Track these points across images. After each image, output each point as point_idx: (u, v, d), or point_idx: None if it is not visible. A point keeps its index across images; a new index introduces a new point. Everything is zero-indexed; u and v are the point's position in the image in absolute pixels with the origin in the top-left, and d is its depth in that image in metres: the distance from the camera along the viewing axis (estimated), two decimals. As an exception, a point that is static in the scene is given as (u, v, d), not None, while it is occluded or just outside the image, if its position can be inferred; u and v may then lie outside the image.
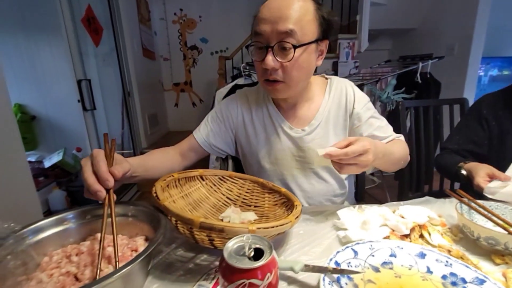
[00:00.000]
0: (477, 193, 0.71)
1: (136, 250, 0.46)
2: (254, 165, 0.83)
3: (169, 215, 0.47)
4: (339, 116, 0.78)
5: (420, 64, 2.07)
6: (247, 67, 1.94)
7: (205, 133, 0.81)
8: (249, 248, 0.33)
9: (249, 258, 0.33)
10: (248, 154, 0.84)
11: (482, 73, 3.27)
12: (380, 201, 2.35)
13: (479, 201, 0.59)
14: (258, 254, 0.34)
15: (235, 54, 2.98)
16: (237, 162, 1.24)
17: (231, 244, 0.34)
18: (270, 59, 0.61)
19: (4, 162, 1.05)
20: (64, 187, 2.30)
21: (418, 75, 2.08)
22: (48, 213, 2.16)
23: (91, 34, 2.09)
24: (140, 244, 0.47)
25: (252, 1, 3.41)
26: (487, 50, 2.72)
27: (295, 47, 0.60)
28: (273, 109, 0.79)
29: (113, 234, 0.43)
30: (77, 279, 0.40)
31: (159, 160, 0.73)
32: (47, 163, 2.43)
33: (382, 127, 0.76)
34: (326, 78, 0.82)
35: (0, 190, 1.02)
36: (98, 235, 0.50)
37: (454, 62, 2.70)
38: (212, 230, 0.43)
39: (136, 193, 2.65)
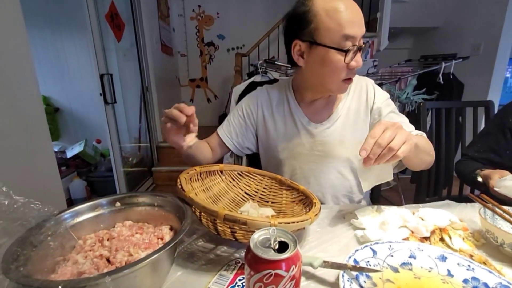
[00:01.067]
0: (498, 200, 0.70)
1: (162, 238, 0.49)
2: (273, 159, 0.85)
3: (194, 207, 0.49)
4: (360, 111, 0.79)
5: (443, 64, 2.00)
6: (264, 64, 1.94)
7: (227, 130, 0.84)
8: (274, 241, 0.35)
9: (274, 250, 0.34)
10: (267, 149, 0.86)
11: (508, 75, 3.12)
12: (395, 204, 2.31)
13: (504, 207, 0.58)
14: (283, 247, 0.35)
15: (252, 51, 2.98)
16: (251, 160, 1.26)
17: (257, 236, 0.35)
18: (360, 59, 0.66)
19: (32, 151, 1.11)
20: (84, 177, 2.40)
21: (440, 75, 2.02)
22: (69, 201, 2.26)
23: (114, 30, 2.15)
24: (166, 232, 0.50)
25: (270, -2, 3.40)
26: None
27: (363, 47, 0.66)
28: (294, 104, 0.81)
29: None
30: (109, 262, 0.43)
31: (204, 148, 0.80)
32: (69, 153, 2.54)
33: (404, 123, 0.74)
34: None
35: (29, 177, 1.09)
36: (127, 222, 0.53)
37: (479, 63, 2.59)
38: (235, 223, 0.45)
39: (151, 185, 2.72)
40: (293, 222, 0.47)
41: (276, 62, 1.94)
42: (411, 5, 2.83)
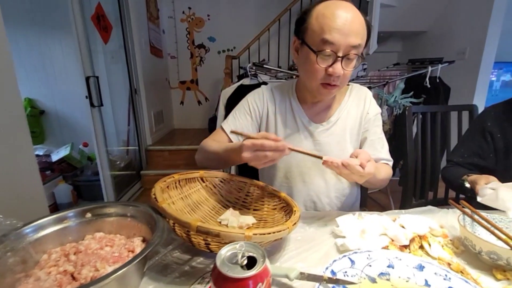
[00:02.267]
0: (482, 205, 0.70)
1: (133, 251, 0.47)
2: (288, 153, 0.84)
3: (167, 217, 0.47)
4: (357, 118, 0.82)
5: (430, 68, 2.03)
6: (253, 67, 1.93)
7: (233, 124, 0.83)
8: (242, 256, 0.33)
9: (242, 267, 0.33)
10: None
11: (494, 78, 3.20)
12: (383, 206, 2.33)
13: (483, 213, 0.58)
14: (251, 262, 0.33)
15: (242, 53, 2.98)
16: None
17: (224, 252, 0.34)
18: (340, 68, 0.65)
19: (12, 155, 1.07)
20: (70, 181, 2.34)
21: (427, 79, 2.04)
22: (54, 206, 2.20)
23: (100, 32, 2.11)
24: (137, 245, 0.48)
25: (261, 1, 3.40)
26: (499, 54, 2.66)
27: (358, 58, 0.66)
28: (296, 104, 0.82)
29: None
30: (74, 278, 0.41)
31: None
32: (55, 157, 2.47)
33: (382, 140, 0.84)
34: (348, 84, 0.86)
35: (7, 183, 1.05)
36: (97, 234, 0.51)
37: (465, 67, 2.64)
38: (208, 235, 0.43)
39: (140, 189, 2.68)
40: (269, 233, 0.46)
41: (265, 66, 1.93)
42: (400, 9, 2.87)
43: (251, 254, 0.34)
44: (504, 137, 0.90)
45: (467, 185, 0.82)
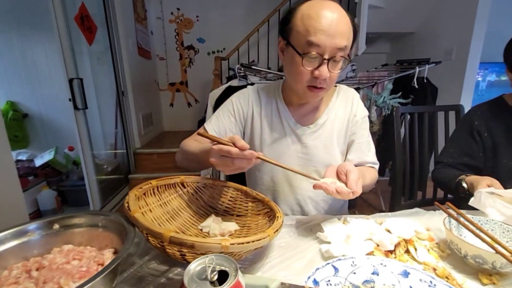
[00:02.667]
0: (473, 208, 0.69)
1: (102, 264, 0.44)
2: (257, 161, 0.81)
3: (139, 228, 0.44)
4: (344, 120, 0.81)
5: (417, 69, 2.05)
6: (242, 69, 1.91)
7: (216, 125, 0.80)
8: (212, 271, 0.31)
9: (212, 282, 0.30)
10: (251, 148, 0.81)
11: (480, 79, 3.26)
12: (374, 206, 2.34)
13: (468, 216, 0.57)
14: (223, 276, 0.31)
15: (232, 54, 2.95)
16: None
17: (194, 267, 0.32)
18: (326, 70, 0.64)
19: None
20: (55, 186, 2.26)
21: (415, 80, 2.06)
22: (37, 213, 2.12)
23: (85, 33, 2.05)
24: (108, 257, 0.45)
25: (249, 2, 3.39)
26: (486, 55, 2.71)
27: (344, 59, 0.65)
28: (282, 106, 0.80)
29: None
30: (34, 297, 0.37)
31: None
32: (38, 162, 2.39)
33: (369, 143, 0.83)
34: (335, 86, 0.85)
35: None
36: (66, 247, 0.47)
37: (451, 67, 2.68)
38: (182, 246, 0.41)
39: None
40: (248, 242, 0.43)
41: (253, 67, 1.92)
42: (388, 11, 2.89)
43: (222, 268, 0.32)
44: (491, 136, 0.90)
45: (465, 185, 0.80)
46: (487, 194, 0.63)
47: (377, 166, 0.82)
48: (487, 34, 2.57)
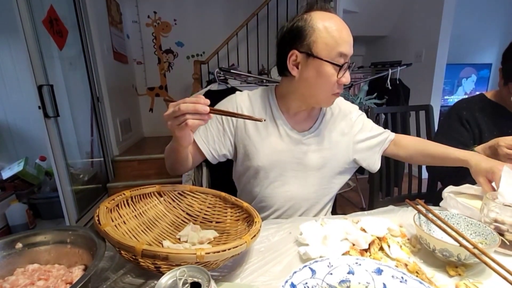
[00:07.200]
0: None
1: (71, 283, 0.42)
2: (251, 167, 0.81)
3: (110, 242, 0.43)
4: (338, 121, 0.85)
5: (390, 71, 2.14)
6: (221, 72, 1.91)
7: (204, 135, 0.80)
8: (184, 284, 0.30)
9: (184, 295, 0.30)
10: (246, 156, 0.82)
11: (448, 80, 3.45)
12: (354, 204, 2.40)
13: (436, 211, 0.60)
14: (196, 288, 0.31)
15: (211, 58, 2.94)
16: (212, 171, 1.20)
17: (165, 280, 0.31)
18: (349, 76, 0.72)
19: None
20: (25, 199, 2.13)
21: (388, 81, 2.15)
22: (6, 229, 1.98)
23: (54, 37, 1.96)
24: (77, 275, 0.43)
25: (227, 6, 3.39)
26: (453, 57, 2.88)
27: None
28: (277, 112, 0.81)
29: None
30: (-7, 324, 0.35)
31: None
32: (6, 174, 2.24)
33: (378, 127, 0.91)
34: None
35: None
36: (30, 266, 0.45)
37: (421, 69, 2.83)
38: (156, 258, 0.40)
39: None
40: (224, 250, 0.43)
41: (232, 71, 1.92)
42: (362, 15, 3.01)
43: (195, 279, 0.31)
44: (477, 125, 0.98)
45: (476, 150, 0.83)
46: (451, 195, 0.69)
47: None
48: (453, 37, 2.74)
